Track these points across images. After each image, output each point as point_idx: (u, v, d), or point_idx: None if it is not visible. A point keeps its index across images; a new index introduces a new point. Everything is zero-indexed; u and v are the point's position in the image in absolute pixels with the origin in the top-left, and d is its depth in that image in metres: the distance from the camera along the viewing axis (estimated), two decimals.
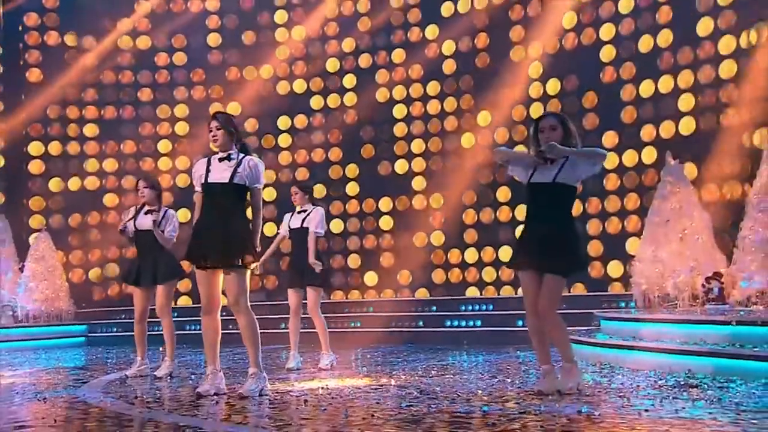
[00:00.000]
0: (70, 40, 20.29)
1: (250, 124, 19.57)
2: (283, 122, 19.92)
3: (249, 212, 7.05)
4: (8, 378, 9.78)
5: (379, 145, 19.08)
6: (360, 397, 6.70)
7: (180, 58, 20.42)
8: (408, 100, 18.85)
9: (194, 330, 15.44)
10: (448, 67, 18.40)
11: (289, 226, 9.90)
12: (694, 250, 10.48)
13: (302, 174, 19.09)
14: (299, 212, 9.86)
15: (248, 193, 6.69)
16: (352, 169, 19.19)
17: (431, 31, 18.56)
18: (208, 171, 6.57)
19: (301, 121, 19.81)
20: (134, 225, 9.08)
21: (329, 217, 14.21)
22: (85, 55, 20.15)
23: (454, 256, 17.89)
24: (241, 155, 6.59)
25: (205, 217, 6.66)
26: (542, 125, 6.23)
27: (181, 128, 20.23)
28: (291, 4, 19.88)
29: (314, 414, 5.67)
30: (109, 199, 20.06)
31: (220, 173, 6.52)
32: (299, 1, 19.87)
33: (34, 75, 20.17)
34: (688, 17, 14.33)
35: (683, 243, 10.71)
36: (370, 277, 18.74)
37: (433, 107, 18.55)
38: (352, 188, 19.15)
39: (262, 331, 6.80)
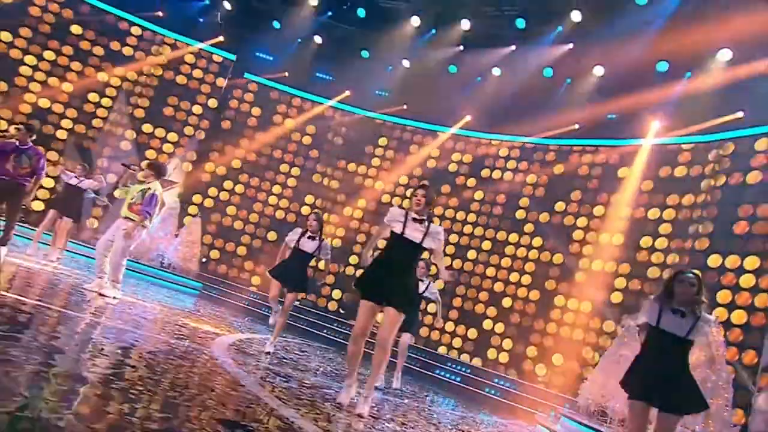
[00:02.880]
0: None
1: None
2: None
3: None
4: (142, 301, 8.38)
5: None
6: None
7: None
8: None
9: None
10: None
11: None
12: None
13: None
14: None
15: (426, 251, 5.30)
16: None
17: None
18: (405, 225, 5.11)
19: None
20: (299, 244, 7.63)
21: None
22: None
23: None
24: (429, 222, 5.20)
25: (386, 259, 5.18)
26: (682, 278, 4.57)
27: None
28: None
29: None
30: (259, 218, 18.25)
31: (414, 232, 5.09)
32: None
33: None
34: None
35: None
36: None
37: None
38: None
39: None
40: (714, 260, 11.62)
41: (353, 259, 17.50)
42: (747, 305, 10.67)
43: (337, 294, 17.31)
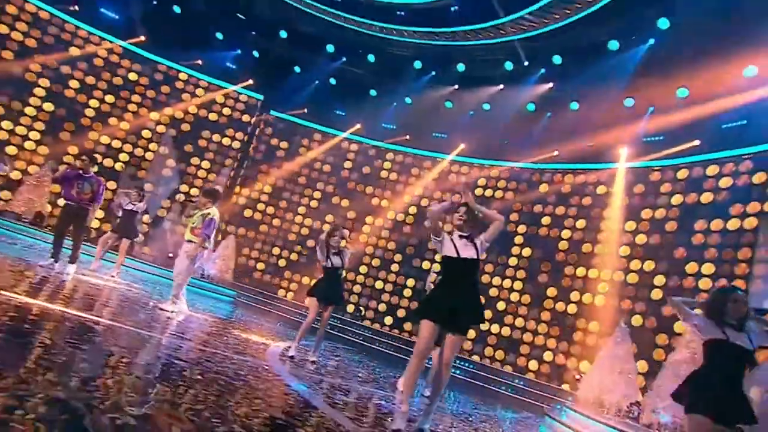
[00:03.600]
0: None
1: None
2: None
3: None
4: (193, 313, 7.96)
5: None
6: None
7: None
8: None
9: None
10: None
11: None
12: (625, 383, 8.41)
13: None
14: None
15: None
16: None
17: None
18: (456, 248, 4.33)
19: None
20: (330, 262, 7.07)
21: None
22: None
23: None
24: (474, 237, 4.42)
25: (450, 283, 4.38)
26: (736, 297, 3.90)
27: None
28: None
29: None
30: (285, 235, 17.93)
31: (467, 250, 4.32)
32: None
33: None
34: None
35: (620, 376, 8.69)
36: None
37: None
38: None
39: None
40: (691, 267, 11.62)
41: (363, 269, 17.33)
42: None
43: (353, 299, 17.11)
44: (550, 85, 15.60)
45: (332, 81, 18.74)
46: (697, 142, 13.04)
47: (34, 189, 14.33)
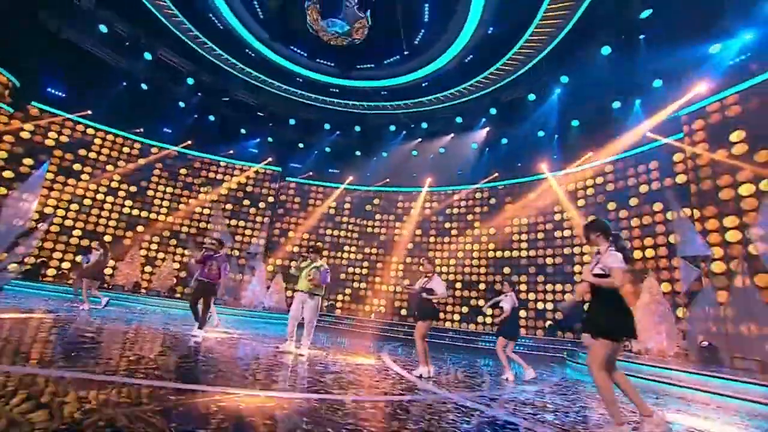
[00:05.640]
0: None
1: None
2: None
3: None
4: (300, 347, 6.38)
5: None
6: None
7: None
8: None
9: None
10: None
11: None
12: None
13: None
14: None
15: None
16: None
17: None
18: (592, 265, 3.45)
19: None
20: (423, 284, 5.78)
21: None
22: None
23: None
24: (602, 253, 3.44)
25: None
26: None
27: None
28: None
29: None
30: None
31: (594, 267, 3.42)
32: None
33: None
34: None
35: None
36: None
37: None
38: None
39: None
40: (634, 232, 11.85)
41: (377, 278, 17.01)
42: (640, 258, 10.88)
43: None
44: (488, 129, 16.11)
45: (327, 149, 18.53)
46: (590, 154, 13.79)
47: (129, 265, 13.21)
